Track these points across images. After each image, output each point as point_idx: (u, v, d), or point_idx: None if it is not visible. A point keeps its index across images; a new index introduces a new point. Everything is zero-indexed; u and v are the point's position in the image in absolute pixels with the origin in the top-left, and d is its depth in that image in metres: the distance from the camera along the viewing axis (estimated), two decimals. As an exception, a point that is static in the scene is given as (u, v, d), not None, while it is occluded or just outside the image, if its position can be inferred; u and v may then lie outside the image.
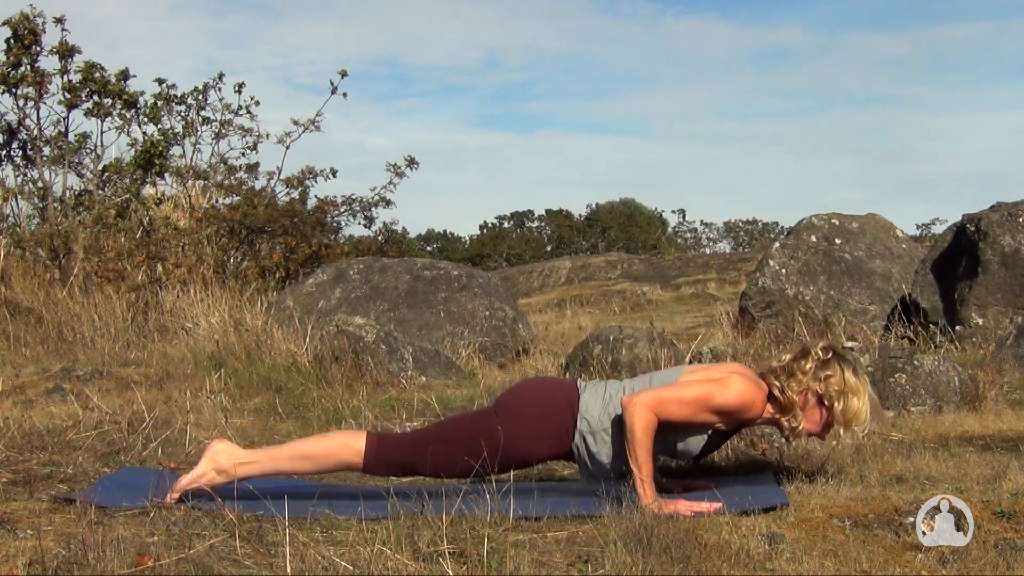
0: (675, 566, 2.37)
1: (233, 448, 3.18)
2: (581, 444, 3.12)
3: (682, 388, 3.05)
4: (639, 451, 2.99)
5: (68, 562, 2.37)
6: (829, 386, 3.11)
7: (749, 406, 3.08)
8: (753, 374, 3.17)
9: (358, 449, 3.15)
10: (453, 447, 3.12)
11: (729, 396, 3.04)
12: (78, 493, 3.13)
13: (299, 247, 9.86)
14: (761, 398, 3.10)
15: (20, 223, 10.22)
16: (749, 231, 42.52)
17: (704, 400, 3.04)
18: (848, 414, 3.12)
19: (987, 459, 3.51)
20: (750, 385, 3.08)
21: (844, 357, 3.19)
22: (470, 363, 7.03)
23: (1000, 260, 6.63)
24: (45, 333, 7.30)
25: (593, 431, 3.11)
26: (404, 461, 3.17)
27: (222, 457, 3.13)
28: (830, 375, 3.11)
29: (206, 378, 5.61)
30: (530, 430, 3.11)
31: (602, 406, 3.13)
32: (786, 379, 3.13)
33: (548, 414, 3.13)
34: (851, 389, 3.12)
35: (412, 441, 3.20)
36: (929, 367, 4.62)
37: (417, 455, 3.15)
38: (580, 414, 3.12)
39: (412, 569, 2.34)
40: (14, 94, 10.17)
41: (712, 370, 3.14)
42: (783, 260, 8.00)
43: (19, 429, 4.16)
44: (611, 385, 3.20)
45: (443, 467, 3.15)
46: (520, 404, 3.16)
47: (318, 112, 11.36)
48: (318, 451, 3.18)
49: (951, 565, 2.47)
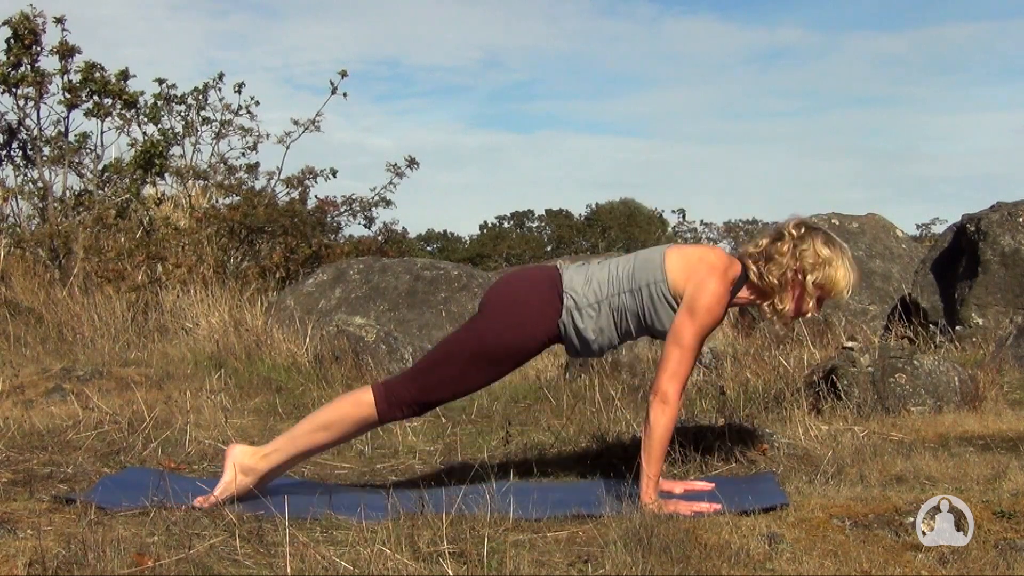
0: (675, 566, 2.37)
1: (250, 447, 3.21)
2: (568, 320, 3.13)
3: (682, 345, 3.04)
4: (656, 450, 2.99)
5: (68, 562, 2.37)
6: (804, 260, 3.13)
7: (724, 303, 3.11)
8: (727, 262, 3.16)
9: (368, 402, 3.16)
10: (457, 363, 3.14)
11: (710, 317, 3.07)
12: (78, 493, 3.13)
13: (299, 247, 9.86)
14: (728, 289, 3.13)
15: (20, 223, 10.22)
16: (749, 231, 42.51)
17: (699, 336, 3.07)
18: (825, 284, 3.14)
19: (987, 459, 3.51)
20: (722, 287, 3.09)
21: (815, 228, 3.21)
22: (470, 363, 7.02)
23: (1000, 260, 6.63)
24: (45, 333, 7.30)
25: (579, 307, 3.13)
26: (416, 397, 3.17)
27: (243, 457, 3.15)
28: (805, 249, 3.14)
29: (206, 378, 5.61)
30: (518, 317, 3.13)
31: (585, 281, 3.15)
32: (765, 264, 3.15)
33: (532, 298, 3.15)
34: (825, 259, 3.14)
35: (416, 374, 3.20)
36: (929, 367, 4.62)
37: (427, 386, 3.16)
38: (565, 291, 3.14)
39: (412, 569, 2.34)
40: (14, 94, 10.16)
41: (690, 264, 3.11)
42: (783, 260, 7.99)
43: (19, 429, 4.16)
44: (593, 265, 3.22)
45: (455, 387, 3.17)
46: (503, 296, 3.19)
47: (318, 112, 11.37)
48: (332, 418, 3.19)
49: (951, 565, 2.47)
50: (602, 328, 3.14)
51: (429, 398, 3.18)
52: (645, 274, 3.13)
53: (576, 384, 5.43)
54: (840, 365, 4.59)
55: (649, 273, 3.13)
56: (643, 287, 3.12)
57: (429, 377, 3.17)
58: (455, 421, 4.81)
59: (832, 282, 3.15)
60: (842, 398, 4.46)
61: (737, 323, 7.82)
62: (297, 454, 3.22)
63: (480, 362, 3.14)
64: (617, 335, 3.18)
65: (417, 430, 4.51)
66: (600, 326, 3.14)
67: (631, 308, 3.13)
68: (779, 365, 4.99)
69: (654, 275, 3.12)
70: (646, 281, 3.12)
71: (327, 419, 3.19)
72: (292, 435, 3.21)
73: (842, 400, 4.45)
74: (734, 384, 4.97)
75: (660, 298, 3.11)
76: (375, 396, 3.17)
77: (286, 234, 9.93)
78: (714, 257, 3.14)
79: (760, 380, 4.94)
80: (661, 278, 3.11)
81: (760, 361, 5.26)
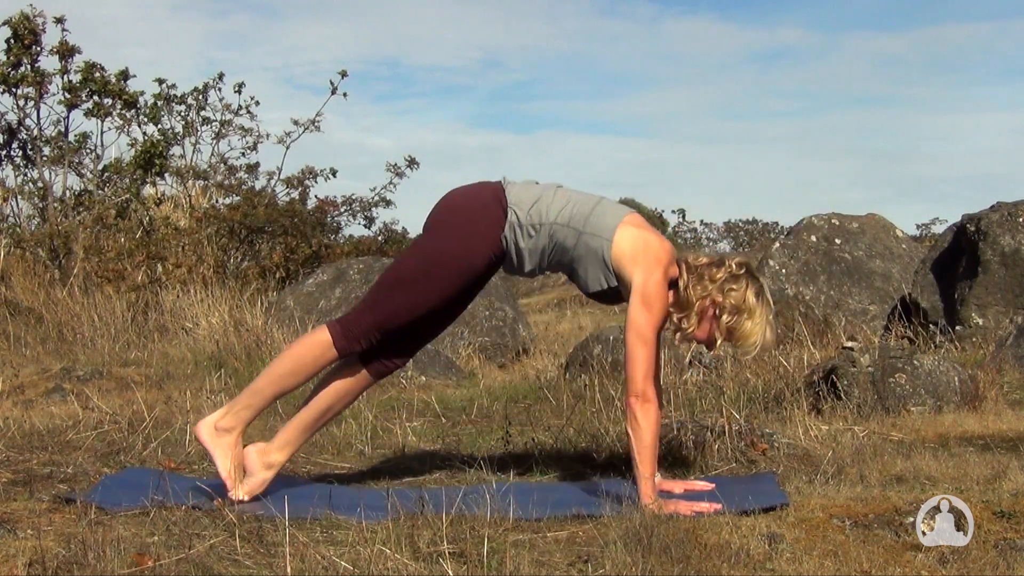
0: (675, 566, 2.37)
1: (212, 416, 3.22)
2: (510, 235, 3.14)
3: (647, 340, 3.03)
4: (648, 450, 2.99)
5: (68, 562, 2.37)
6: (727, 299, 3.12)
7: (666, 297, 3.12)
8: (670, 259, 3.16)
9: (325, 340, 3.17)
10: (408, 286, 3.15)
11: (661, 309, 3.08)
12: (78, 493, 3.13)
13: (299, 247, 9.86)
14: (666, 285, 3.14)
15: (20, 223, 10.22)
16: (749, 231, 42.46)
17: (657, 328, 3.08)
18: (736, 332, 3.14)
19: (987, 459, 3.51)
20: (665, 281, 3.10)
21: (755, 277, 3.19)
22: (470, 363, 7.03)
23: (1000, 260, 6.63)
24: (45, 333, 7.30)
25: (521, 224, 3.13)
26: (373, 326, 3.16)
27: (211, 426, 3.17)
28: (734, 289, 3.12)
29: (206, 378, 5.61)
30: (462, 229, 3.13)
31: (532, 200, 3.15)
32: (695, 281, 3.14)
33: (475, 212, 3.15)
34: (747, 308, 3.12)
35: (370, 304, 3.20)
36: (929, 367, 4.62)
37: (382, 314, 3.16)
38: (510, 206, 3.14)
39: (412, 569, 2.34)
40: (14, 94, 10.17)
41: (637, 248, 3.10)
42: (783, 260, 8.00)
43: (19, 429, 4.16)
44: (545, 187, 3.22)
45: (409, 310, 3.16)
46: (446, 211, 3.19)
47: (318, 112, 11.37)
48: (291, 365, 3.19)
49: (951, 565, 2.47)
50: (539, 250, 3.15)
51: (386, 325, 3.17)
52: (596, 228, 3.11)
53: (576, 384, 5.43)
54: (840, 365, 4.59)
55: (600, 229, 3.11)
56: (588, 237, 3.11)
57: (383, 305, 3.16)
58: (455, 421, 4.81)
59: (743, 333, 3.14)
60: (842, 398, 4.46)
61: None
62: (264, 406, 3.24)
63: (430, 280, 3.13)
64: (547, 262, 3.19)
65: (417, 430, 4.51)
66: (538, 247, 3.14)
67: (567, 246, 3.13)
68: (779, 365, 4.99)
69: (604, 234, 3.10)
70: (593, 233, 3.11)
71: (286, 367, 3.19)
72: (254, 389, 3.21)
73: (842, 400, 4.45)
74: (734, 384, 4.97)
75: (596, 256, 3.11)
76: (332, 334, 3.16)
77: (286, 234, 9.94)
78: (662, 252, 3.13)
79: (760, 380, 4.94)
80: (607, 241, 3.09)
81: (760, 361, 5.26)
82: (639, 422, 3.00)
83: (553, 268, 3.24)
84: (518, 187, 3.20)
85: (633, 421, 3.01)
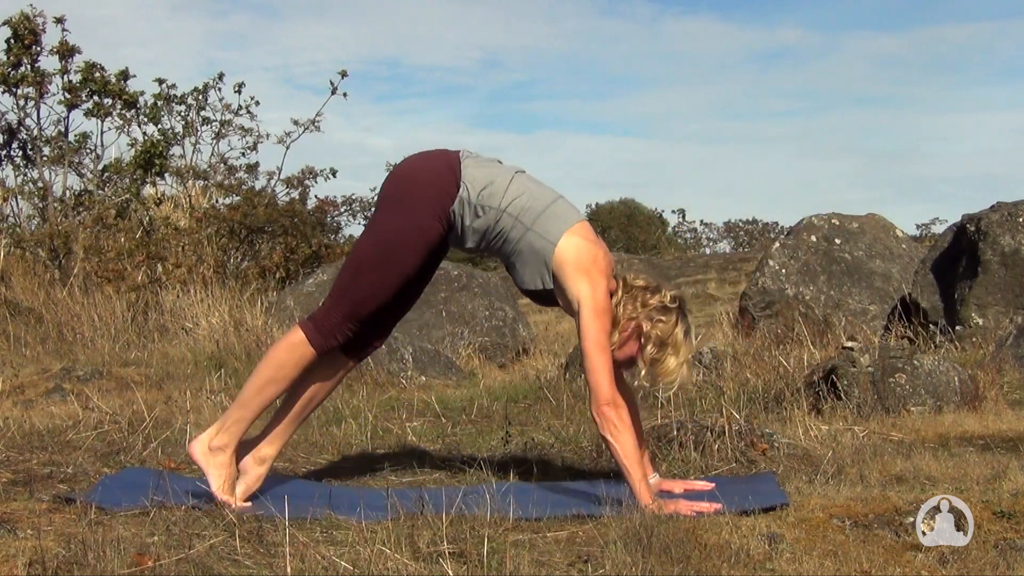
0: (675, 566, 2.37)
1: (205, 434, 3.20)
2: (459, 209, 3.12)
3: (604, 347, 3.04)
4: (632, 454, 2.97)
5: (68, 562, 2.37)
6: (655, 329, 3.10)
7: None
8: (610, 272, 3.16)
9: (301, 341, 3.15)
10: (371, 267, 3.13)
11: (609, 316, 3.07)
12: (78, 493, 3.13)
13: (299, 247, 9.86)
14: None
15: (20, 223, 10.22)
16: (749, 231, 42.51)
17: (609, 334, 3.07)
18: (658, 366, 3.12)
19: (987, 459, 3.51)
20: (608, 298, 3.10)
21: (685, 315, 3.18)
22: (470, 363, 7.04)
23: (1000, 260, 6.63)
24: (45, 333, 7.30)
25: (471, 202, 3.11)
26: (346, 316, 3.15)
27: (205, 444, 3.16)
28: (662, 321, 3.11)
29: (206, 378, 5.61)
30: (413, 205, 3.11)
31: (485, 183, 3.12)
32: (628, 300, 3.13)
33: (426, 184, 3.13)
34: (672, 344, 3.11)
35: (339, 295, 3.18)
36: (929, 367, 4.62)
37: (352, 302, 3.14)
38: (463, 180, 3.12)
39: (412, 569, 2.34)
40: (14, 94, 10.17)
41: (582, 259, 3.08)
42: (783, 260, 8.00)
43: (19, 429, 4.16)
44: (502, 169, 3.19)
45: (378, 293, 3.14)
46: (397, 185, 3.17)
47: (318, 112, 11.39)
48: (275, 371, 3.16)
49: (951, 565, 2.47)
50: (483, 231, 3.13)
51: (359, 312, 3.15)
52: (544, 228, 3.10)
53: (576, 384, 5.43)
54: (840, 365, 4.59)
55: (547, 231, 3.10)
56: (534, 236, 3.10)
57: (350, 295, 3.15)
58: (455, 421, 4.81)
59: (665, 369, 3.12)
60: (842, 398, 4.46)
61: (737, 323, 7.83)
62: (254, 417, 3.21)
63: (389, 261, 3.11)
64: (487, 245, 3.18)
65: (417, 430, 4.51)
66: (482, 228, 3.13)
67: (511, 238, 3.12)
68: (779, 365, 4.99)
69: (550, 237, 3.09)
70: (539, 233, 3.10)
71: (268, 374, 3.16)
72: (242, 401, 3.18)
73: (842, 400, 4.45)
74: (734, 384, 4.97)
75: (539, 257, 3.10)
76: (306, 333, 3.15)
77: (286, 234, 9.94)
78: (606, 265, 3.13)
79: (760, 380, 4.94)
80: (552, 244, 3.08)
81: (760, 361, 5.27)
82: (617, 427, 2.98)
83: (492, 253, 3.23)
84: (475, 164, 3.18)
85: (611, 428, 2.98)
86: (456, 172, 3.13)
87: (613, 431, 2.99)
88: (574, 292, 3.07)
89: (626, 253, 26.48)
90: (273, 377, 3.16)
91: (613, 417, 2.99)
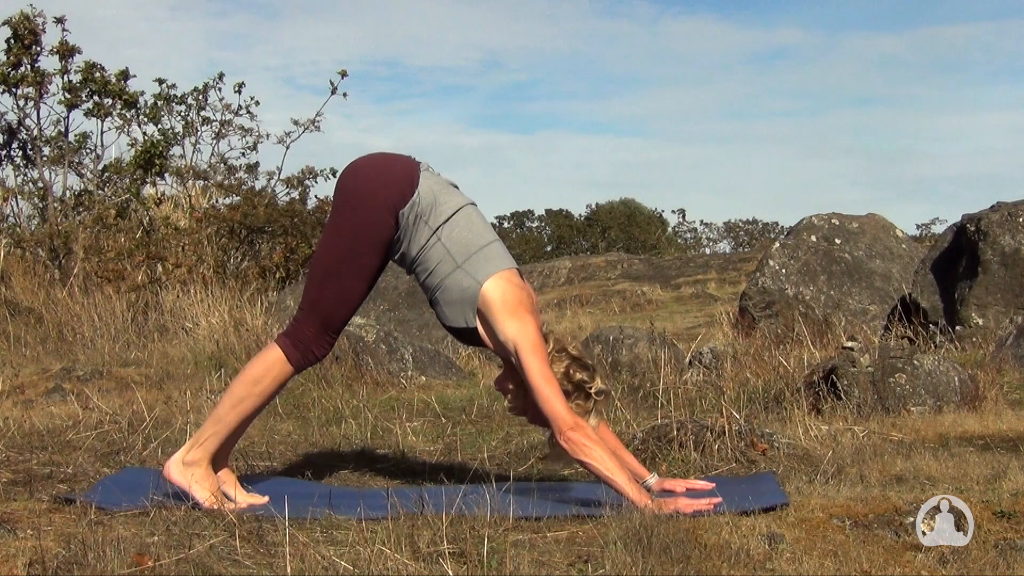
0: (675, 566, 2.37)
1: (179, 452, 3.17)
2: (407, 213, 3.10)
3: (549, 379, 3.01)
4: (610, 464, 2.95)
5: (68, 562, 2.37)
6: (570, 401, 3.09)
7: None
8: (535, 307, 3.17)
9: (279, 358, 3.13)
10: (336, 274, 3.12)
11: (542, 351, 3.05)
12: (78, 493, 3.13)
13: (299, 247, 9.87)
14: None
15: (20, 223, 10.22)
16: (749, 231, 42.57)
17: (548, 365, 3.04)
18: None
19: (987, 459, 3.51)
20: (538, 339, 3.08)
21: (601, 413, 3.18)
22: (470, 363, 7.03)
23: (1000, 260, 6.63)
24: (45, 333, 7.30)
25: (419, 214, 3.10)
26: (321, 329, 3.14)
27: (179, 462, 3.14)
28: (579, 404, 3.10)
29: (206, 378, 5.61)
30: (367, 202, 3.10)
31: (435, 201, 3.12)
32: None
33: (379, 183, 3.12)
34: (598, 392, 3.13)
35: (310, 308, 3.16)
36: (929, 367, 4.62)
37: (324, 312, 3.13)
38: (417, 190, 3.11)
39: (412, 569, 2.34)
40: (14, 94, 10.17)
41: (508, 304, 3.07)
42: (783, 260, 8.00)
43: (19, 429, 4.16)
44: (453, 197, 3.18)
45: (348, 298, 3.14)
46: (352, 182, 3.16)
47: (318, 112, 11.39)
48: (252, 388, 3.13)
49: (951, 565, 2.47)
50: (415, 250, 3.12)
51: (332, 322, 3.14)
52: (474, 268, 3.10)
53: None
54: (840, 365, 4.59)
55: (476, 271, 3.09)
56: (462, 274, 3.09)
57: (320, 305, 3.13)
58: (455, 421, 4.81)
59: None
60: (842, 398, 4.46)
61: (737, 323, 7.83)
62: (230, 434, 3.18)
63: (353, 265, 3.10)
64: (409, 266, 3.18)
65: (417, 430, 4.51)
66: (417, 246, 3.12)
67: (439, 272, 3.11)
68: (779, 365, 4.99)
69: (478, 276, 3.08)
70: (468, 271, 3.09)
71: (244, 390, 3.13)
72: (217, 416, 3.15)
73: (842, 400, 4.45)
74: (734, 384, 4.97)
75: (464, 295, 3.09)
76: (283, 350, 3.13)
77: (286, 234, 9.95)
78: (531, 304, 3.14)
79: (760, 380, 4.94)
80: (478, 284, 3.07)
81: (760, 361, 5.27)
82: (588, 446, 2.95)
83: (415, 278, 3.20)
84: (433, 178, 3.18)
85: (583, 449, 2.95)
86: (414, 178, 3.13)
87: (585, 451, 2.96)
88: (507, 334, 3.05)
89: (626, 253, 26.50)
90: (249, 393, 3.13)
91: (580, 439, 2.96)
